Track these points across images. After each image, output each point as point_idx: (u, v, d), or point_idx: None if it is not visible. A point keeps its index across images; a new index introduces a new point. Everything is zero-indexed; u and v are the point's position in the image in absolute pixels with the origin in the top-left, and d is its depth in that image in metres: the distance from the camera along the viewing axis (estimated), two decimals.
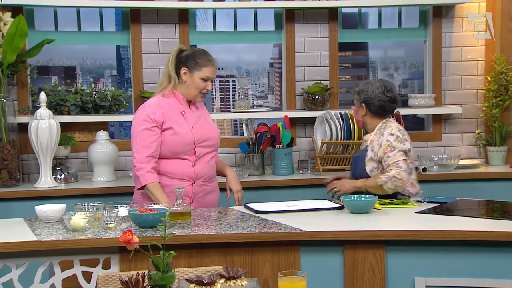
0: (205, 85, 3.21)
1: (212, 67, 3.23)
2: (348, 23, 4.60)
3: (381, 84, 3.35)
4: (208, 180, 3.25)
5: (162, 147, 3.15)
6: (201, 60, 3.19)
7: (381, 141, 3.28)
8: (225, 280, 1.95)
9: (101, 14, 4.35)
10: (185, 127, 3.18)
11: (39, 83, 4.41)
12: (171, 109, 3.19)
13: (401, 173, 3.15)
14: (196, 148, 3.18)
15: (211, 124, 3.34)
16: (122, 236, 1.98)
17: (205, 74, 3.18)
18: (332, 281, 2.70)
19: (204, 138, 3.22)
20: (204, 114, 3.33)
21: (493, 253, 2.64)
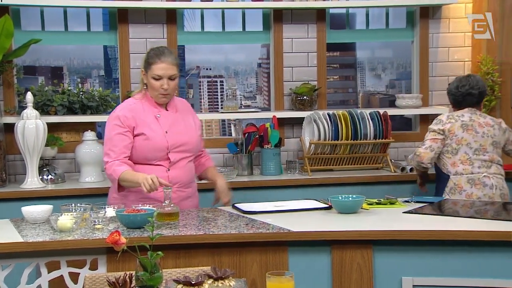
0: (159, 84, 3.04)
1: (162, 63, 3.03)
2: (336, 23, 4.62)
3: (457, 79, 3.76)
4: (184, 186, 3.16)
5: (135, 152, 3.08)
6: (151, 59, 3.06)
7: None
8: (213, 280, 1.96)
9: (88, 14, 4.33)
10: (158, 132, 3.08)
11: (26, 83, 4.38)
12: (144, 112, 3.10)
13: (420, 150, 3.66)
14: (170, 153, 3.09)
15: (189, 128, 3.19)
16: (109, 236, 1.98)
17: (154, 72, 3.03)
18: (319, 281, 2.71)
19: (179, 143, 3.11)
20: (184, 116, 3.20)
21: (480, 253, 2.66)
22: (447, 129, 3.61)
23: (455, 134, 3.60)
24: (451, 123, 3.63)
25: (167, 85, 3.06)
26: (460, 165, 3.58)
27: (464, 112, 3.68)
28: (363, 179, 4.07)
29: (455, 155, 3.60)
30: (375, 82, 5.78)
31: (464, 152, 3.59)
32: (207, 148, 3.51)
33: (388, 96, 5.50)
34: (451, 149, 3.61)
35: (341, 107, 4.97)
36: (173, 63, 3.07)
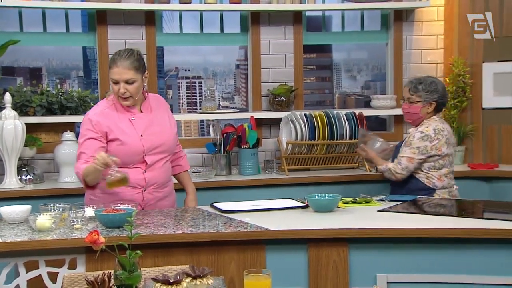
0: (117, 89, 2.98)
1: (117, 68, 2.95)
2: (312, 25, 4.68)
3: (437, 81, 3.56)
4: (161, 187, 3.15)
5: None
6: (110, 62, 3.00)
7: (408, 135, 3.56)
8: (191, 279, 1.96)
9: (67, 15, 4.33)
10: (133, 136, 3.04)
11: (4, 84, 4.36)
12: (118, 116, 3.05)
13: (397, 169, 3.48)
14: (146, 156, 3.07)
15: (165, 127, 3.15)
16: (88, 236, 1.98)
17: (111, 76, 2.99)
18: (296, 278, 2.74)
19: (154, 146, 3.08)
20: (159, 116, 3.15)
21: (451, 249, 2.72)
22: (435, 147, 3.46)
23: (442, 151, 3.48)
24: (438, 140, 3.46)
25: (123, 89, 2.98)
26: (445, 179, 3.52)
27: (441, 123, 3.56)
28: (339, 179, 4.12)
29: (440, 169, 3.50)
30: (351, 83, 5.83)
31: (448, 166, 3.53)
32: (186, 148, 3.51)
33: (363, 97, 5.56)
34: (438, 165, 3.49)
35: (317, 107, 5.02)
36: (130, 67, 2.97)
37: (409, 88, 3.52)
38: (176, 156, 3.33)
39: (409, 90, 3.51)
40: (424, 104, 3.50)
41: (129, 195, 3.06)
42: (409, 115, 3.56)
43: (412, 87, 3.50)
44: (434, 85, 3.51)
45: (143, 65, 3.05)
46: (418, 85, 3.50)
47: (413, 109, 3.52)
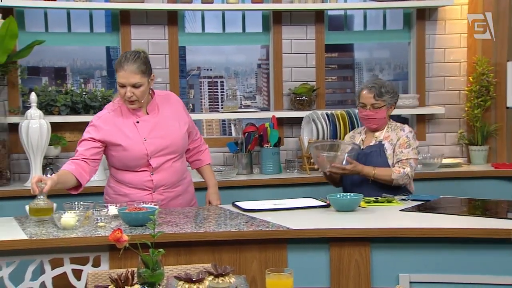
0: (123, 92, 2.95)
1: (123, 71, 2.91)
2: (334, 25, 4.67)
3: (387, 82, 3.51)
4: (171, 186, 3.13)
5: (115, 161, 3.07)
6: (116, 65, 2.96)
7: (400, 135, 3.41)
8: (214, 277, 1.98)
9: (91, 15, 4.38)
10: (136, 140, 3.02)
11: (30, 84, 4.43)
12: (123, 120, 3.04)
13: (413, 173, 3.35)
14: (151, 159, 3.04)
15: (171, 129, 3.09)
16: (111, 234, 2.00)
17: (118, 79, 2.95)
18: (318, 277, 2.74)
19: (160, 148, 3.05)
20: (166, 117, 3.10)
21: (474, 250, 2.70)
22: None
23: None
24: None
25: (130, 93, 2.94)
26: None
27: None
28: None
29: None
30: None
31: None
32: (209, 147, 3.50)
33: None
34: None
35: (339, 107, 5.00)
36: (136, 71, 2.92)
37: (374, 94, 3.35)
38: (196, 151, 3.31)
39: (374, 96, 3.35)
40: (388, 108, 3.42)
41: (139, 196, 3.07)
42: (375, 120, 3.41)
43: (377, 92, 3.36)
44: (392, 88, 3.43)
45: (150, 67, 3.01)
46: (381, 89, 3.37)
47: (380, 114, 3.40)
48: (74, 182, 2.96)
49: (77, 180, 2.95)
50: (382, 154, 3.39)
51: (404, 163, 3.34)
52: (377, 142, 3.42)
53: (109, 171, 3.19)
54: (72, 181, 2.95)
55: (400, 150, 3.37)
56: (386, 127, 3.46)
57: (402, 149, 3.37)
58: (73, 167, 2.96)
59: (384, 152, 3.39)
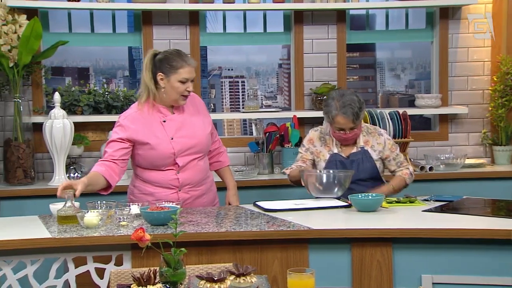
0: (185, 87, 3.02)
1: (189, 67, 3.02)
2: (355, 24, 4.65)
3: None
4: (197, 185, 3.16)
5: (142, 160, 3.09)
6: (175, 62, 3.01)
7: (382, 141, 3.40)
8: (235, 277, 1.99)
9: (113, 16, 4.41)
10: (163, 139, 3.05)
11: (53, 84, 4.49)
12: (149, 119, 3.06)
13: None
14: (178, 159, 3.07)
15: (197, 128, 3.13)
16: (134, 233, 2.02)
17: (182, 76, 3.01)
18: (340, 278, 2.74)
19: (186, 148, 3.08)
20: (192, 116, 3.14)
21: (498, 251, 2.67)
22: None
23: None
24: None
25: (191, 87, 3.07)
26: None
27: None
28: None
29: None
30: (395, 82, 5.77)
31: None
32: (228, 147, 3.52)
33: (407, 96, 5.50)
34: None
35: None
36: (194, 66, 3.09)
37: (352, 119, 3.25)
38: (215, 152, 3.34)
39: (353, 120, 3.25)
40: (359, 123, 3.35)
41: (164, 195, 3.09)
42: (352, 139, 3.36)
43: (355, 117, 3.25)
44: (361, 101, 3.31)
45: None
46: (357, 111, 3.25)
47: (358, 130, 3.35)
48: (104, 184, 3.00)
49: (107, 182, 2.99)
50: (369, 159, 3.38)
51: (404, 163, 3.44)
52: (360, 149, 3.40)
53: (134, 171, 3.21)
54: (102, 182, 2.99)
55: (395, 154, 3.42)
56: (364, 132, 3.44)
57: (395, 151, 3.42)
58: (103, 168, 2.99)
59: (371, 157, 3.38)
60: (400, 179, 3.39)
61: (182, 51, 3.10)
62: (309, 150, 3.44)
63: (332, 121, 3.30)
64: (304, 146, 3.47)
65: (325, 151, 3.41)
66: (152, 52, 3.09)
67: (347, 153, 3.40)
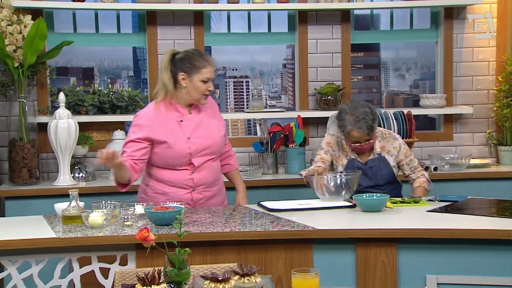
0: (206, 87, 3.07)
1: (210, 66, 3.07)
2: (360, 24, 4.64)
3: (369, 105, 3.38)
4: (210, 186, 3.18)
5: (157, 159, 3.10)
6: (198, 62, 3.04)
7: (397, 145, 3.45)
8: (240, 277, 1.99)
9: (118, 16, 4.42)
10: (180, 138, 3.07)
11: (58, 84, 4.50)
12: (166, 118, 3.08)
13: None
14: (193, 159, 3.09)
15: (212, 130, 3.16)
16: (138, 233, 2.02)
17: (204, 75, 3.05)
18: (344, 278, 2.74)
19: (202, 148, 3.10)
20: (207, 117, 3.17)
21: (503, 251, 2.67)
22: None
23: None
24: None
25: (212, 87, 3.11)
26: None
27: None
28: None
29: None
30: (399, 82, 5.76)
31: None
32: (233, 147, 3.53)
33: (412, 96, 5.49)
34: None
35: None
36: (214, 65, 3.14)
37: (367, 133, 3.28)
38: (226, 155, 3.36)
39: (368, 133, 3.28)
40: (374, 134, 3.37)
41: (178, 195, 3.11)
42: (368, 148, 3.40)
43: (369, 130, 3.28)
44: (374, 112, 3.33)
45: None
46: (373, 124, 3.29)
47: (374, 140, 3.38)
48: (126, 178, 3.02)
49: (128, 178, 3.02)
50: (387, 165, 3.42)
51: (418, 168, 3.48)
52: (376, 155, 3.42)
53: (147, 170, 3.20)
54: (127, 176, 3.01)
55: (409, 159, 3.47)
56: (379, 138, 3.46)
57: (409, 157, 3.47)
58: (127, 164, 3.00)
59: (388, 163, 3.42)
60: (421, 190, 3.44)
61: (202, 51, 3.13)
62: (328, 152, 3.48)
63: (347, 135, 3.34)
64: (323, 148, 3.50)
65: (342, 156, 3.45)
66: (171, 51, 3.11)
67: (364, 159, 3.44)
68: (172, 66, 3.08)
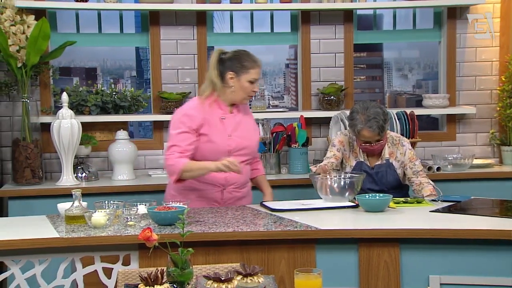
0: (252, 88, 3.12)
1: (258, 68, 3.14)
2: (363, 24, 4.64)
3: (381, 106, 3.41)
4: (240, 187, 3.22)
5: (196, 152, 3.10)
6: (247, 62, 3.10)
7: (404, 150, 3.46)
8: (242, 277, 1.99)
9: (121, 16, 4.43)
10: (222, 135, 3.11)
11: (61, 84, 4.51)
12: (209, 114, 3.11)
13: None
14: (231, 157, 3.08)
15: (250, 131, 3.23)
16: (141, 233, 2.02)
17: (252, 76, 3.11)
18: (347, 278, 2.74)
19: (240, 147, 3.15)
20: (246, 119, 3.23)
21: (507, 252, 2.66)
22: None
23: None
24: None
25: (257, 88, 3.18)
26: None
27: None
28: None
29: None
30: (402, 82, 5.76)
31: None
32: None
33: (415, 96, 5.49)
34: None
35: None
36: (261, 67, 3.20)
37: (378, 133, 3.31)
38: (254, 160, 3.37)
39: (378, 133, 3.32)
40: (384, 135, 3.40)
41: (210, 193, 3.14)
42: (378, 150, 3.43)
43: (380, 130, 3.31)
44: (385, 112, 3.37)
45: None
46: (384, 125, 3.32)
47: (384, 141, 3.41)
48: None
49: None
50: (393, 172, 3.44)
51: (422, 174, 3.46)
52: (385, 161, 3.44)
53: None
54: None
55: (413, 163, 3.46)
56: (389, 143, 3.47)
57: (414, 161, 3.46)
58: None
59: (395, 170, 3.44)
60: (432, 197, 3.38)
61: (250, 52, 3.17)
62: (340, 150, 3.50)
63: (358, 134, 3.36)
64: (335, 146, 3.52)
65: (352, 157, 3.47)
66: (219, 50, 3.16)
67: (372, 163, 3.45)
68: (220, 65, 3.12)
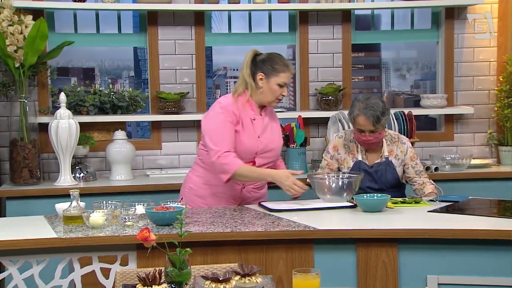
0: (281, 91, 3.12)
1: (289, 72, 3.13)
2: (361, 24, 4.65)
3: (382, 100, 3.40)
4: (259, 188, 3.25)
5: None
6: (278, 65, 3.11)
7: (404, 149, 3.45)
8: (240, 277, 1.99)
9: (119, 16, 4.42)
10: (252, 135, 3.12)
11: (59, 84, 4.51)
12: (244, 113, 3.12)
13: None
14: (257, 158, 3.13)
15: (276, 134, 3.25)
16: (139, 233, 2.02)
17: (282, 80, 3.11)
18: (345, 278, 2.74)
19: (267, 149, 3.17)
20: (273, 122, 3.24)
21: (505, 252, 2.67)
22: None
23: None
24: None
25: (286, 92, 3.17)
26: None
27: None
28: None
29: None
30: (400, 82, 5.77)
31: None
32: None
33: (412, 96, 5.50)
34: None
35: None
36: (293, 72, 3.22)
37: (372, 122, 3.28)
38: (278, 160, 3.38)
39: (373, 123, 3.28)
40: (383, 128, 3.38)
41: (229, 189, 3.15)
42: (375, 143, 3.40)
43: (375, 120, 3.28)
44: (385, 106, 3.33)
45: None
46: (379, 116, 3.28)
47: (380, 136, 3.37)
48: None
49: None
50: (393, 170, 3.43)
51: (423, 173, 3.46)
52: (384, 159, 3.43)
53: (202, 159, 3.19)
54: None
55: (415, 163, 3.46)
56: (387, 141, 3.46)
57: (415, 160, 3.46)
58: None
59: (394, 169, 3.43)
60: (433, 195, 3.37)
61: (283, 56, 3.17)
62: (334, 157, 3.48)
63: (353, 121, 3.35)
64: (329, 153, 3.50)
65: (349, 158, 3.45)
66: (253, 51, 3.17)
67: (371, 161, 3.44)
68: (253, 65, 3.14)
